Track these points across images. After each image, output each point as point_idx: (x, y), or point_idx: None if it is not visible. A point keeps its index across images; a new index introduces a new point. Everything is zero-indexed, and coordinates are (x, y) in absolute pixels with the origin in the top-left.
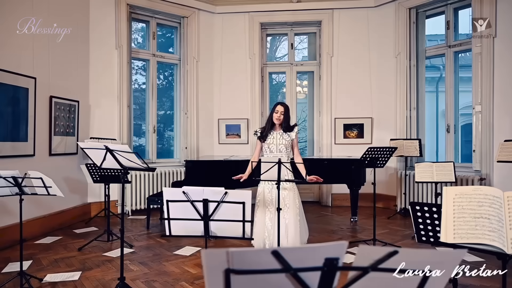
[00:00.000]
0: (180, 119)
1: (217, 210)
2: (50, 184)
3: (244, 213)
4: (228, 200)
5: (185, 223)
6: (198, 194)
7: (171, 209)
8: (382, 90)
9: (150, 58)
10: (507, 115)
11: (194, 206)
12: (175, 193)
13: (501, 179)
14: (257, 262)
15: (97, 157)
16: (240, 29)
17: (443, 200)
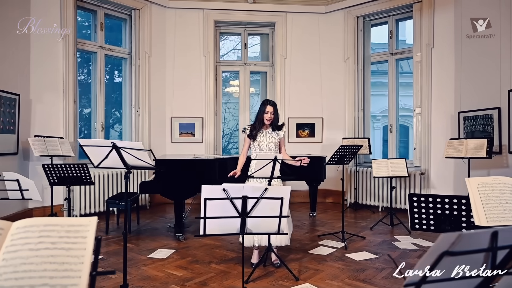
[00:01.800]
0: (130, 117)
1: (256, 207)
2: (27, 186)
3: (281, 208)
4: (267, 196)
5: (221, 221)
6: (238, 191)
7: (208, 207)
8: (332, 92)
9: (98, 51)
10: (443, 117)
11: (233, 204)
12: (215, 191)
13: (438, 173)
14: (473, 243)
15: (97, 155)
16: (194, 25)
17: (469, 190)
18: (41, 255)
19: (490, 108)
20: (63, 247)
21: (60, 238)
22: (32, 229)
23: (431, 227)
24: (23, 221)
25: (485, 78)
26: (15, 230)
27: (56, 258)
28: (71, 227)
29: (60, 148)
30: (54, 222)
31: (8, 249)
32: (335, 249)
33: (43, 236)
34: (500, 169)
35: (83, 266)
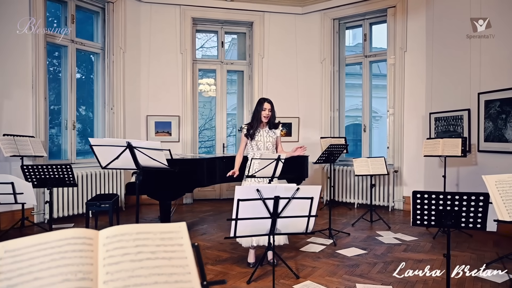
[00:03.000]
0: (104, 115)
1: (287, 207)
2: (22, 190)
3: (311, 208)
4: (298, 196)
5: (252, 222)
6: (271, 191)
7: (240, 208)
8: (308, 92)
9: (69, 45)
10: (415, 118)
11: (265, 204)
12: (249, 191)
13: (409, 171)
14: None
15: (107, 155)
16: (170, 22)
17: (488, 187)
18: (146, 266)
19: (461, 109)
20: (164, 256)
21: (157, 246)
22: (125, 237)
23: (432, 223)
24: (111, 229)
25: (456, 81)
26: (106, 240)
27: (162, 269)
28: (164, 234)
29: (31, 148)
30: (145, 230)
31: (107, 261)
32: (325, 246)
33: (140, 246)
34: (469, 167)
35: (191, 277)
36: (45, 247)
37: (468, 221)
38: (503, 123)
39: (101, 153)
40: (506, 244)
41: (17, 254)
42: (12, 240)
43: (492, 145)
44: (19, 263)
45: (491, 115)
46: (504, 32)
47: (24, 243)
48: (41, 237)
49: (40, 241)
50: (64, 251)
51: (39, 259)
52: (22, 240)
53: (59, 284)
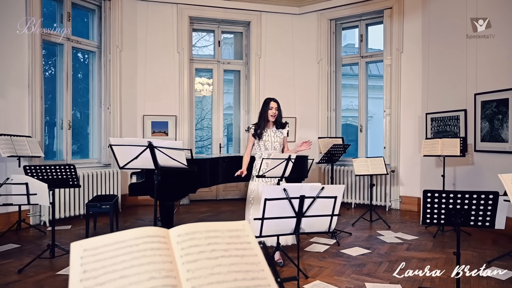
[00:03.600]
0: (100, 114)
1: (311, 206)
2: (36, 190)
3: (334, 207)
4: (323, 195)
5: (278, 221)
6: (296, 191)
7: (267, 208)
8: (305, 92)
9: (65, 43)
10: (411, 118)
11: (291, 203)
12: (276, 191)
13: (406, 170)
14: None
15: (126, 155)
16: (167, 20)
17: (505, 185)
18: (223, 264)
19: (457, 110)
20: (237, 254)
21: (228, 244)
22: (197, 236)
23: (441, 221)
24: (181, 228)
25: (452, 81)
26: (179, 238)
27: (238, 266)
28: (231, 232)
29: (28, 148)
30: (213, 228)
31: (185, 259)
32: (329, 246)
33: (212, 244)
34: (466, 166)
35: (265, 273)
36: (123, 246)
37: (477, 219)
38: (499, 124)
39: (120, 153)
40: (505, 242)
41: (97, 252)
42: (87, 239)
43: (489, 145)
44: (102, 262)
45: (487, 116)
46: (500, 33)
47: (101, 241)
48: (116, 236)
49: (117, 239)
50: (143, 249)
51: (121, 258)
52: (98, 239)
53: (146, 282)
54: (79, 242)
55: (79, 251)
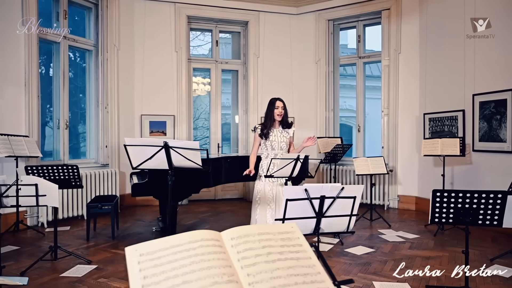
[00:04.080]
0: (97, 114)
1: (331, 206)
2: (45, 192)
3: (353, 207)
4: (343, 196)
5: (298, 222)
6: (317, 191)
7: (288, 208)
8: (303, 92)
9: (61, 41)
10: (409, 118)
11: (311, 204)
12: (297, 191)
13: (404, 170)
14: None
15: (140, 156)
16: (165, 19)
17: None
18: (281, 267)
19: (455, 110)
20: (292, 257)
21: (282, 247)
22: (250, 238)
23: (450, 220)
24: (233, 231)
25: (450, 82)
26: (233, 241)
27: (295, 269)
28: (282, 235)
29: (26, 148)
30: (264, 230)
31: (243, 262)
32: (333, 245)
33: (266, 247)
34: (464, 166)
35: (322, 276)
36: (180, 250)
37: (486, 218)
38: (497, 124)
39: (134, 153)
40: (504, 240)
41: (154, 257)
42: (141, 244)
43: (487, 145)
44: (161, 267)
45: (485, 116)
46: (498, 34)
47: (156, 246)
48: (170, 240)
49: (172, 243)
50: (200, 253)
51: (179, 262)
52: (152, 243)
53: (209, 287)
54: (134, 246)
55: (135, 256)
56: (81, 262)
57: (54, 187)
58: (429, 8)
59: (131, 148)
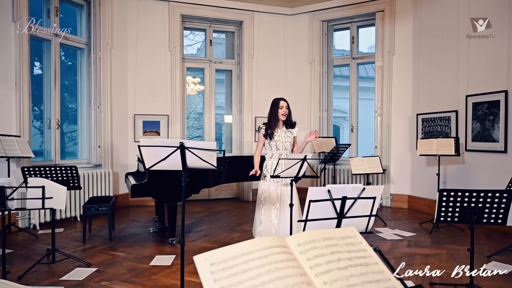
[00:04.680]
0: (90, 113)
1: (352, 207)
2: (53, 194)
3: (372, 207)
4: (364, 196)
5: (318, 223)
6: (339, 192)
7: (311, 209)
8: (298, 93)
9: (52, 39)
10: (402, 119)
11: (333, 205)
12: (320, 192)
13: (396, 169)
14: None
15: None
16: (158, 18)
17: None
18: (354, 274)
19: (448, 111)
20: (361, 262)
21: (349, 253)
22: (316, 244)
23: (455, 219)
24: (298, 236)
25: (443, 83)
26: (300, 248)
27: (368, 276)
28: (345, 240)
29: (18, 148)
30: (327, 235)
31: (316, 270)
32: None
33: (334, 252)
34: (457, 165)
35: (394, 283)
36: (251, 258)
37: (491, 216)
38: (490, 124)
39: (148, 154)
40: (497, 237)
41: (226, 266)
42: (209, 252)
43: (480, 145)
44: (236, 277)
45: (478, 117)
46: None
47: (226, 254)
48: (238, 247)
49: (242, 251)
50: (273, 261)
51: (254, 272)
52: (221, 252)
53: None
54: (203, 255)
55: (206, 266)
56: (80, 265)
57: (62, 189)
58: (423, 10)
59: (145, 149)
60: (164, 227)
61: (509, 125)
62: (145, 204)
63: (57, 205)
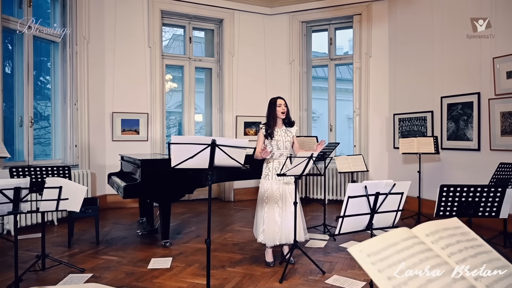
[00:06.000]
0: (65, 111)
1: (384, 202)
2: (68, 195)
3: (400, 202)
4: (394, 192)
5: (355, 219)
6: (374, 188)
7: (348, 205)
8: (277, 92)
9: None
10: (379, 119)
11: (368, 200)
12: (358, 188)
13: (375, 167)
14: None
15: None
16: (137, 13)
17: None
18: (485, 261)
19: (424, 111)
20: (481, 251)
21: (468, 242)
22: (442, 234)
23: (453, 213)
24: (423, 226)
25: (418, 85)
26: (430, 238)
27: (493, 263)
28: (458, 230)
29: None
30: (445, 226)
31: (454, 258)
32: (326, 241)
33: (459, 242)
34: (432, 163)
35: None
36: (400, 248)
37: (486, 210)
38: (464, 124)
39: (177, 152)
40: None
41: (382, 257)
42: (361, 244)
43: (455, 143)
44: (395, 267)
45: (453, 117)
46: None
47: (376, 245)
48: (383, 238)
49: (389, 242)
50: (420, 251)
51: (409, 261)
52: (371, 243)
53: (453, 284)
54: (357, 247)
55: (364, 257)
56: (73, 271)
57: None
58: (398, 14)
59: (175, 146)
60: (153, 229)
61: (482, 125)
62: (125, 206)
63: (72, 206)
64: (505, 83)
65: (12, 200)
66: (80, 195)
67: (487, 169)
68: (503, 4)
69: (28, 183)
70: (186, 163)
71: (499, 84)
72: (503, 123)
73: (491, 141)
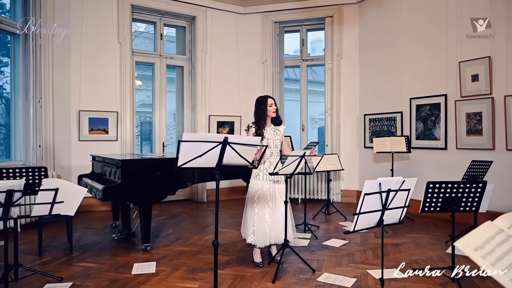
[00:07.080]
0: (27, 108)
1: (394, 199)
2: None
3: (406, 199)
4: (403, 188)
5: (368, 216)
6: (387, 184)
7: (364, 202)
8: (250, 92)
9: None
10: (350, 119)
11: (381, 197)
12: (373, 185)
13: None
14: None
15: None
16: (106, 6)
17: None
18: None
19: (394, 112)
20: None
21: None
22: None
23: (437, 209)
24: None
25: (388, 86)
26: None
27: None
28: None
29: None
30: None
31: None
32: (308, 239)
33: None
34: (402, 161)
35: None
36: (500, 240)
37: (467, 205)
38: (432, 124)
39: (186, 150)
40: (443, 224)
41: (489, 250)
42: (465, 239)
43: (423, 143)
44: (506, 259)
45: (422, 117)
46: (427, 43)
47: (478, 239)
48: (480, 232)
49: (487, 235)
50: None
51: None
52: (473, 237)
53: None
54: (462, 242)
55: (472, 250)
56: (50, 281)
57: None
58: (368, 17)
59: (185, 144)
60: (130, 233)
61: (449, 125)
62: (93, 209)
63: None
64: (470, 85)
65: (3, 205)
66: (78, 197)
67: (454, 167)
68: (467, 7)
69: (22, 185)
70: (193, 162)
71: (464, 87)
72: (468, 123)
73: (457, 140)
